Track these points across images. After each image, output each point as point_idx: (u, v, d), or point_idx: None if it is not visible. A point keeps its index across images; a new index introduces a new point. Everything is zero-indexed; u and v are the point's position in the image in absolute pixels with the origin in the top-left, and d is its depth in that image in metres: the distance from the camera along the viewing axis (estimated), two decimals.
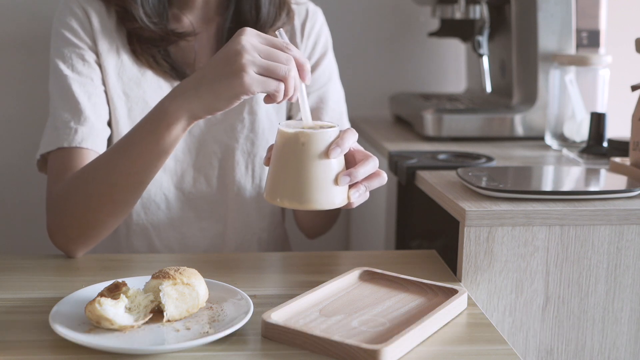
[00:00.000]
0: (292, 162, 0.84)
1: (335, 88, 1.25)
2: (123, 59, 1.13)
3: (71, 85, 1.09)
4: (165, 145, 0.92)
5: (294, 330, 0.76)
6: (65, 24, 1.12)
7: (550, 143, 1.43)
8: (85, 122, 1.07)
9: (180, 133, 0.91)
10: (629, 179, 1.09)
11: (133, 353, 0.73)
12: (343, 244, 1.80)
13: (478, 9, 1.53)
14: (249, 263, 1.03)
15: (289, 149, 0.84)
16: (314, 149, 0.83)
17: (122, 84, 1.13)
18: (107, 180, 0.97)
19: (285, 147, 0.84)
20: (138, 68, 1.14)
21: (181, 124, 0.90)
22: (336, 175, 0.85)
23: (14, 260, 1.01)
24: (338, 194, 0.85)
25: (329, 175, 0.84)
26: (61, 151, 1.06)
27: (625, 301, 1.00)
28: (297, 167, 0.83)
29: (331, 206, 0.85)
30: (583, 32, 1.48)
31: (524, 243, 0.97)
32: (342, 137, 0.85)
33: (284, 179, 0.85)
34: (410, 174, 1.18)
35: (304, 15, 1.23)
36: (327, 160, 0.84)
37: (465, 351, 0.77)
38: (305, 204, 0.84)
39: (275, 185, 0.86)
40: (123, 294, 0.78)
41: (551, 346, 1.00)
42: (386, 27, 1.77)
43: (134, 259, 1.06)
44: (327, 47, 1.25)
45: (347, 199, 0.87)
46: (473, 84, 1.70)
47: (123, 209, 1.00)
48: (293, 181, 0.84)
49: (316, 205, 0.84)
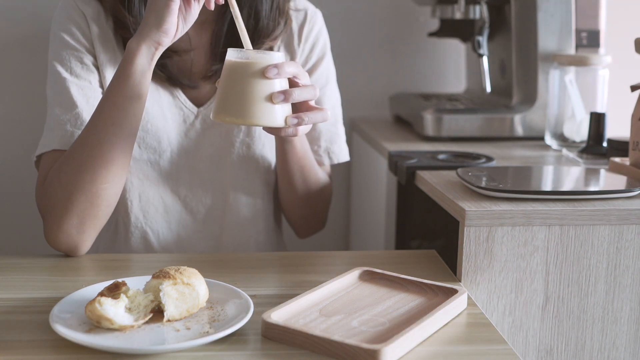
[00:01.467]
0: (236, 81, 0.90)
1: (332, 92, 1.25)
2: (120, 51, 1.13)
3: (69, 87, 1.09)
4: (136, 81, 0.98)
5: (294, 330, 0.76)
6: (64, 27, 1.12)
7: (550, 143, 1.43)
8: (81, 126, 1.07)
9: (145, 64, 0.98)
10: (628, 179, 1.09)
11: (133, 353, 0.73)
12: (343, 244, 1.80)
13: (478, 9, 1.53)
14: (249, 263, 1.03)
15: (234, 69, 0.90)
16: (255, 68, 0.89)
17: None
18: (93, 141, 0.99)
19: (231, 67, 0.91)
20: None
21: (143, 54, 0.98)
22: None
23: (14, 260, 1.01)
24: (277, 113, 0.91)
25: (267, 94, 0.90)
26: (54, 153, 1.06)
27: (624, 301, 1.00)
28: (240, 85, 0.90)
29: (269, 123, 0.91)
30: (583, 32, 1.48)
31: (523, 243, 0.97)
32: (283, 62, 0.91)
33: (228, 97, 0.91)
34: (410, 174, 1.18)
35: (302, 18, 1.22)
36: (266, 79, 0.90)
37: (465, 351, 0.77)
38: (245, 119, 0.90)
39: (220, 103, 0.91)
40: (123, 294, 0.78)
41: (551, 346, 1.00)
42: (386, 27, 1.77)
43: (134, 259, 1.06)
44: (324, 50, 1.24)
45: (285, 121, 0.92)
46: (473, 84, 1.70)
47: (115, 173, 1.01)
48: (236, 98, 0.90)
49: (254, 120, 0.90)
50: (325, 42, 1.25)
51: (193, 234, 1.19)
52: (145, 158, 1.15)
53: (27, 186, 1.64)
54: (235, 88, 0.90)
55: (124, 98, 0.99)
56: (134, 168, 1.14)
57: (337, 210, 1.76)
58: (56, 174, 1.02)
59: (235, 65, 0.91)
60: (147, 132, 1.13)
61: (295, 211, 1.24)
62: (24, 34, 1.62)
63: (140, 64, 0.98)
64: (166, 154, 1.15)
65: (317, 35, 1.23)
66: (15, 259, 1.01)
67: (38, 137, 1.11)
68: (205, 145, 1.17)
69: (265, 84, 0.90)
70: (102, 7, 1.13)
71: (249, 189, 1.20)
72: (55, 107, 1.09)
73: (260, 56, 0.91)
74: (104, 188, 1.01)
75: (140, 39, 0.98)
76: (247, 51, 0.92)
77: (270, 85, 0.90)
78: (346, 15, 1.74)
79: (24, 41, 1.62)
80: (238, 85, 0.90)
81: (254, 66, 0.90)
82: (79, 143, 1.01)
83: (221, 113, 0.91)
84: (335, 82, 1.26)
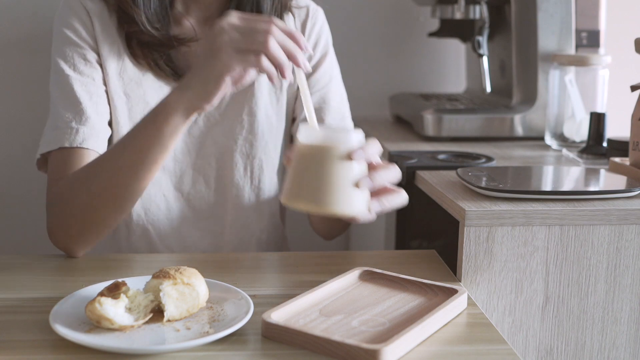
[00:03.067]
0: (313, 164, 0.80)
1: (337, 88, 1.25)
2: (124, 60, 1.13)
3: (73, 84, 1.09)
4: (165, 136, 0.94)
5: (294, 330, 0.76)
6: (67, 23, 1.12)
7: (550, 143, 1.43)
8: (86, 122, 1.07)
9: (179, 124, 0.93)
10: (628, 179, 1.09)
11: (133, 353, 0.73)
12: (343, 244, 1.80)
13: (478, 9, 1.53)
14: (249, 263, 1.03)
15: (311, 153, 0.81)
16: (336, 152, 0.80)
17: (123, 84, 1.13)
18: (109, 176, 0.98)
19: (307, 148, 0.81)
20: (139, 69, 1.13)
21: (179, 115, 0.93)
22: (357, 180, 0.81)
23: (14, 260, 1.01)
24: (358, 200, 0.81)
25: (349, 179, 0.80)
26: (62, 151, 1.06)
27: (624, 301, 1.00)
28: (317, 169, 0.80)
29: (350, 212, 0.81)
30: (583, 32, 1.48)
31: (523, 243, 0.97)
32: (367, 144, 0.82)
33: (303, 182, 0.81)
34: (410, 174, 1.18)
35: (304, 16, 1.22)
36: (349, 163, 0.80)
37: (465, 351, 0.77)
38: (323, 208, 0.80)
39: (293, 188, 0.82)
40: (123, 294, 0.78)
41: (551, 346, 1.00)
42: (386, 27, 1.77)
43: (134, 259, 1.06)
44: (327, 47, 1.24)
45: (367, 208, 0.83)
46: (473, 84, 1.70)
47: (124, 207, 1.00)
48: (312, 184, 0.80)
49: (335, 209, 0.80)
50: (327, 39, 1.25)
51: (195, 232, 1.19)
52: None
53: (27, 186, 1.64)
54: (313, 173, 0.80)
55: (149, 146, 0.95)
56: None
57: None
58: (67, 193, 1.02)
59: (311, 149, 0.81)
60: None
61: (325, 227, 1.23)
62: (24, 34, 1.62)
63: (174, 123, 0.93)
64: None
65: (319, 32, 1.23)
66: (15, 259, 1.01)
67: (38, 137, 1.11)
68: (208, 143, 1.17)
69: (347, 168, 0.80)
70: (106, 2, 1.12)
71: (252, 187, 1.20)
72: (59, 104, 1.09)
73: (338, 137, 0.81)
74: (112, 219, 1.01)
75: (180, 98, 0.92)
76: (324, 130, 0.82)
77: (351, 170, 0.80)
78: (346, 15, 1.74)
79: (24, 41, 1.62)
80: (316, 170, 0.80)
81: (334, 150, 0.80)
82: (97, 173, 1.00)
83: (295, 199, 0.81)
84: (339, 79, 1.26)
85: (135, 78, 1.13)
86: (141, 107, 1.13)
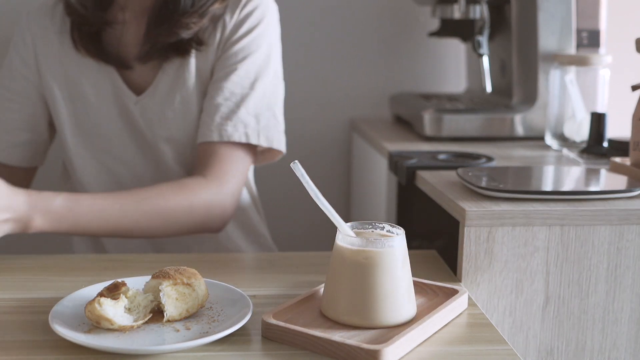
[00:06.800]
0: (363, 279, 0.78)
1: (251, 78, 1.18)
2: (65, 47, 1.21)
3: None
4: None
5: (294, 330, 0.76)
6: (14, 46, 1.25)
7: (550, 143, 1.43)
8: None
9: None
10: (629, 179, 1.09)
11: (133, 353, 0.73)
12: None
13: (478, 8, 1.53)
14: (249, 263, 1.03)
15: (359, 266, 0.78)
16: (385, 265, 0.77)
17: (63, 68, 1.21)
18: None
19: (345, 262, 0.78)
20: (76, 52, 1.21)
21: None
22: (406, 287, 0.79)
23: (14, 260, 1.01)
24: (407, 308, 0.80)
25: (397, 290, 0.79)
26: None
27: (625, 301, 1.00)
28: (360, 284, 0.78)
29: (398, 322, 0.79)
30: (583, 32, 1.48)
31: (524, 243, 0.97)
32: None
33: (345, 296, 0.79)
34: (410, 174, 1.18)
35: (244, 1, 1.20)
36: (395, 274, 0.78)
37: (465, 351, 0.77)
38: (370, 322, 0.78)
39: (335, 302, 0.80)
40: (123, 294, 0.78)
41: (551, 346, 1.00)
42: (386, 27, 1.77)
43: (134, 259, 1.06)
44: (260, 31, 1.19)
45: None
46: (473, 84, 1.70)
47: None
48: (356, 298, 0.78)
49: (383, 323, 0.78)
50: (264, 23, 1.19)
51: None
52: (91, 150, 1.22)
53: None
54: (364, 288, 0.77)
55: None
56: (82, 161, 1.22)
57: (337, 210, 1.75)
58: None
59: (358, 264, 0.78)
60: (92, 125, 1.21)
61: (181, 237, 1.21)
62: None
63: None
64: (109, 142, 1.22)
65: (248, 15, 1.19)
66: (15, 259, 1.01)
67: None
68: (142, 132, 1.21)
69: (394, 278, 0.78)
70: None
71: None
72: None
73: (383, 246, 0.78)
74: None
75: None
76: (369, 242, 0.78)
77: (397, 278, 0.78)
78: (346, 15, 1.74)
79: None
80: (366, 284, 0.77)
81: (383, 263, 0.77)
82: None
83: (339, 313, 0.79)
84: (273, 73, 1.20)
85: (75, 60, 1.21)
86: (78, 88, 1.21)
